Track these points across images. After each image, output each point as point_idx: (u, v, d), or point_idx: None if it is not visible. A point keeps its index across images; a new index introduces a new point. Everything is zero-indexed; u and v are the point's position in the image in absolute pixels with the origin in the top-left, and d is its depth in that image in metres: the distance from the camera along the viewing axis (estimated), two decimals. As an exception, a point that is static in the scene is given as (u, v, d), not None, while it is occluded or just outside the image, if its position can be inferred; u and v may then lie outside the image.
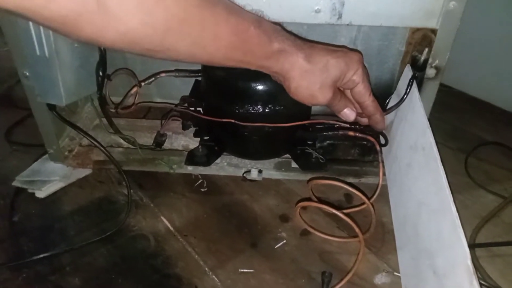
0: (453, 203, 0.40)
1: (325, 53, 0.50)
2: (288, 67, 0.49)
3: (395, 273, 0.54)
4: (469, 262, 0.36)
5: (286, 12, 0.53)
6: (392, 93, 0.62)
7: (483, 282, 0.52)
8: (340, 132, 0.62)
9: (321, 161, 0.67)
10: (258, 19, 0.47)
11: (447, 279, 0.40)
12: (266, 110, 0.59)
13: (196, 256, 0.57)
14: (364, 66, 0.53)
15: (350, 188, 0.57)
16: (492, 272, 0.54)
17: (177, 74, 0.68)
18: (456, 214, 0.40)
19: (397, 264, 0.54)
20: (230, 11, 0.44)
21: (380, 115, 0.56)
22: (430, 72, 0.57)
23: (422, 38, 0.57)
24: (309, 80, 0.50)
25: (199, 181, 0.69)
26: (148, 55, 0.42)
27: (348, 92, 0.56)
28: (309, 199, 0.64)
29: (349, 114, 0.56)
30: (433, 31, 0.54)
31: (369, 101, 0.55)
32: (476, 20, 0.79)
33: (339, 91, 0.54)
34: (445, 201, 0.41)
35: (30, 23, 0.54)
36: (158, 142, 0.72)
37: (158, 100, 0.76)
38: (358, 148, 0.67)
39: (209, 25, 0.42)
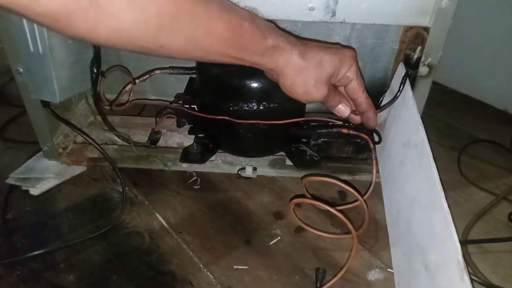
0: (445, 200, 0.41)
1: (319, 49, 0.51)
2: (283, 64, 0.49)
3: (388, 269, 0.55)
4: (460, 257, 0.37)
5: (280, 10, 0.53)
6: (385, 91, 0.63)
7: (474, 278, 0.52)
8: (334, 130, 0.62)
9: (315, 158, 0.67)
10: (251, 16, 0.47)
11: (439, 275, 0.40)
12: (261, 108, 0.60)
13: (191, 252, 0.57)
14: (358, 63, 0.54)
15: (343, 185, 0.57)
16: (484, 268, 0.54)
17: (171, 71, 0.68)
18: (448, 210, 0.40)
19: (390, 260, 0.55)
20: (224, 7, 0.44)
21: (373, 112, 0.57)
22: (422, 70, 0.57)
23: (415, 36, 0.57)
24: (303, 77, 0.50)
25: (194, 179, 0.69)
26: (141, 52, 0.42)
27: (341, 89, 0.56)
28: (303, 196, 0.64)
29: (344, 110, 0.56)
30: (426, 29, 0.55)
31: (362, 97, 0.55)
32: (468, 18, 0.79)
33: (333, 87, 0.54)
34: (437, 197, 0.42)
35: (24, 19, 0.53)
36: (153, 139, 0.72)
37: (153, 97, 0.76)
38: (352, 145, 0.67)
39: (203, 21, 0.42)
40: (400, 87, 0.56)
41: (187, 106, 0.64)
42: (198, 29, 0.42)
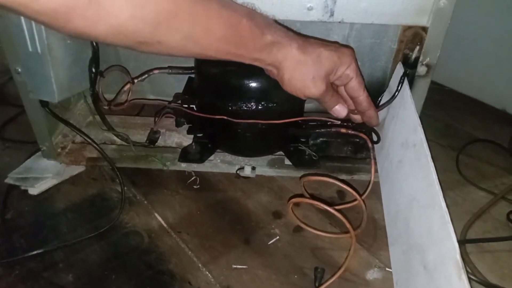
0: (443, 199, 0.41)
1: (318, 45, 0.51)
2: (281, 58, 0.49)
3: (387, 269, 0.55)
4: (458, 256, 0.37)
5: (278, 9, 0.53)
6: (384, 91, 0.63)
7: (472, 277, 0.52)
8: (333, 129, 0.62)
9: (314, 158, 0.67)
10: (250, 12, 0.47)
11: (437, 274, 0.40)
12: (259, 107, 0.60)
13: (190, 252, 0.57)
14: (357, 62, 0.54)
15: (342, 185, 0.58)
16: (482, 268, 0.55)
17: (170, 71, 0.68)
18: (446, 209, 0.40)
19: (388, 260, 0.55)
20: (222, 4, 0.44)
21: (373, 111, 0.57)
22: (421, 69, 0.57)
23: (413, 36, 0.57)
24: (302, 71, 0.50)
25: (193, 178, 0.69)
26: (139, 49, 0.42)
27: (341, 89, 0.56)
28: (301, 196, 0.64)
29: (340, 110, 0.56)
30: (424, 29, 0.55)
31: (363, 96, 0.55)
32: (466, 18, 0.79)
33: (332, 87, 0.54)
34: (435, 197, 0.42)
35: (22, 19, 0.53)
36: (152, 139, 0.72)
37: (151, 97, 0.76)
38: (351, 145, 0.67)
39: (201, 18, 0.42)
40: (398, 86, 0.56)
41: (186, 105, 0.64)
42: (197, 27, 0.42)
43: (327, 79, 0.52)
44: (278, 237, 0.59)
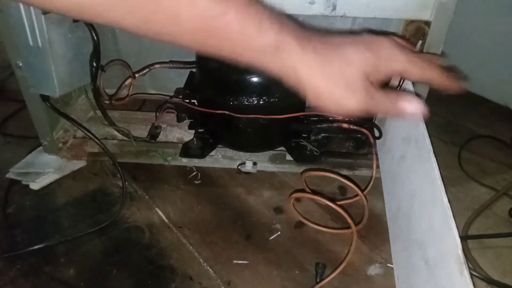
0: (445, 195, 0.41)
1: (341, 43, 0.40)
2: (292, 65, 0.38)
3: (388, 264, 0.55)
4: (459, 252, 0.37)
5: (279, 3, 0.52)
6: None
7: (474, 273, 0.52)
8: (335, 125, 0.62)
9: (315, 153, 0.67)
10: (245, 3, 0.37)
11: (438, 269, 0.40)
12: (261, 102, 0.59)
13: (191, 247, 0.57)
14: (399, 44, 0.41)
15: (343, 180, 0.57)
16: (484, 264, 0.54)
17: (171, 65, 0.68)
18: (448, 205, 0.40)
19: (390, 255, 0.55)
20: None
21: (439, 72, 0.44)
22: (424, 64, 0.57)
23: (416, 30, 0.57)
24: (327, 82, 0.38)
25: (194, 173, 0.69)
26: (105, 24, 0.36)
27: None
28: (303, 191, 0.64)
29: (410, 105, 0.41)
30: (427, 23, 0.54)
31: (435, 68, 0.43)
32: (469, 13, 0.79)
33: (376, 86, 0.40)
34: (437, 192, 0.42)
35: (23, 13, 0.53)
36: (153, 134, 0.72)
37: (153, 92, 0.76)
38: (353, 141, 0.67)
39: (164, 3, 0.34)
40: (400, 81, 0.56)
41: (187, 100, 0.64)
42: (159, 12, 0.35)
43: (365, 83, 0.39)
44: (279, 233, 0.59)
